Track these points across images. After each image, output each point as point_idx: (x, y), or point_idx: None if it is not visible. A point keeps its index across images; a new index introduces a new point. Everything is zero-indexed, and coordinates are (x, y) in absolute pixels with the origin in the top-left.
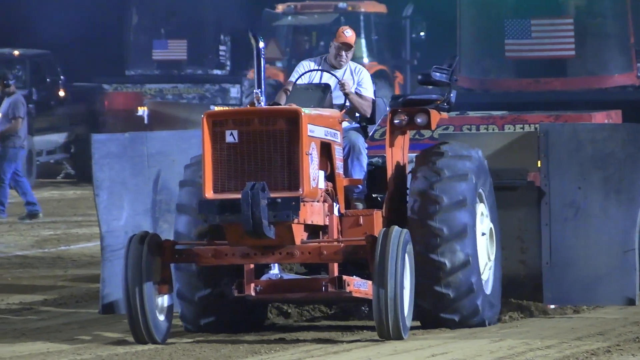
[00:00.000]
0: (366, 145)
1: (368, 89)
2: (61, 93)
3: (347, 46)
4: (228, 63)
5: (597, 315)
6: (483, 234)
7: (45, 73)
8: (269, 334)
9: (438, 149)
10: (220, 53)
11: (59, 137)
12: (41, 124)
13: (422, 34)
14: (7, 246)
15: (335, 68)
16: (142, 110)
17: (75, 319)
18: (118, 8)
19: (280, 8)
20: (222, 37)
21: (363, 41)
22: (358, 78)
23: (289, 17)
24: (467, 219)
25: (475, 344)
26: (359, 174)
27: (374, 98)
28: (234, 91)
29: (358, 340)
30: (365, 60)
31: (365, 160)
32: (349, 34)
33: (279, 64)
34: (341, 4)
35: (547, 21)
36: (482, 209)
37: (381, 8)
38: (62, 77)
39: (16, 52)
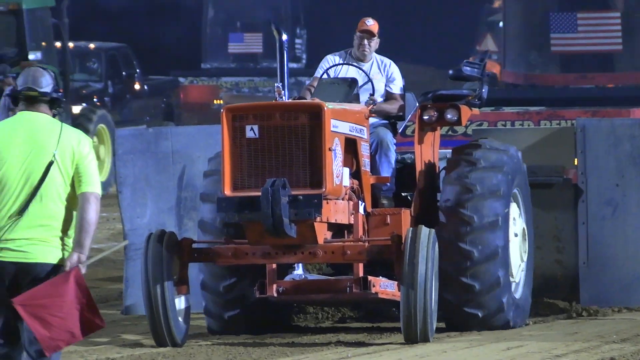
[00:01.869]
0: (395, 141)
1: (397, 85)
2: (137, 86)
3: (369, 34)
4: (304, 56)
5: None
6: (516, 235)
7: (121, 66)
8: (294, 335)
9: (475, 141)
10: (296, 46)
11: None
12: (117, 117)
13: None
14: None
15: (361, 60)
16: (218, 103)
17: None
18: (194, 1)
19: (496, 4)
20: (298, 30)
21: None
22: (387, 74)
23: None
24: (500, 209)
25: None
26: (386, 170)
27: (402, 93)
28: None
29: (389, 343)
30: None
31: (393, 157)
32: (370, 22)
33: (494, 57)
34: None
35: (593, 15)
36: (515, 209)
37: None
38: (138, 70)
39: (92, 46)
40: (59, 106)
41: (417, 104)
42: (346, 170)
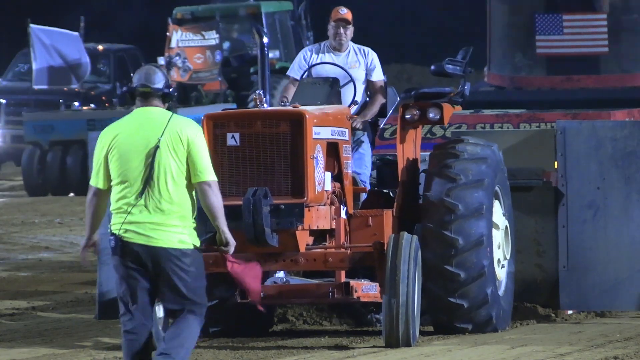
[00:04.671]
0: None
1: (378, 73)
2: None
3: (345, 22)
4: None
5: None
6: (499, 230)
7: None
8: (276, 339)
9: (453, 148)
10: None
11: None
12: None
13: None
14: None
15: (337, 50)
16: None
17: (73, 323)
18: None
19: None
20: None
21: None
22: (367, 62)
23: None
24: (484, 228)
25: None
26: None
27: (383, 80)
28: None
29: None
30: None
31: (368, 152)
32: (344, 11)
33: None
34: None
35: (579, 17)
36: (497, 206)
37: None
38: None
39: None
40: (171, 100)
41: (398, 99)
42: (328, 175)
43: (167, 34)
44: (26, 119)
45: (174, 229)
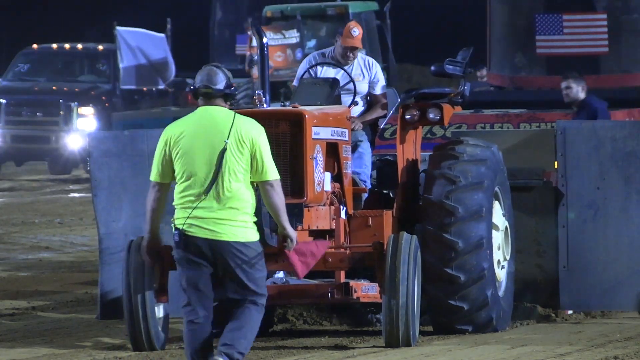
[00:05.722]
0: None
1: (380, 86)
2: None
3: (354, 49)
4: None
5: None
6: (499, 231)
7: None
8: (276, 339)
9: (453, 150)
10: None
11: None
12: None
13: None
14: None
15: (342, 64)
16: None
17: (73, 323)
18: (203, 3)
19: None
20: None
21: None
22: (371, 74)
23: None
24: (484, 230)
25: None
26: (357, 163)
27: (384, 92)
28: None
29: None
30: None
31: (368, 153)
32: (356, 33)
33: None
34: None
35: (579, 16)
36: (497, 207)
37: None
38: None
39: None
40: (232, 99)
41: (399, 99)
42: (327, 175)
43: (249, 33)
44: (115, 118)
45: (237, 224)
